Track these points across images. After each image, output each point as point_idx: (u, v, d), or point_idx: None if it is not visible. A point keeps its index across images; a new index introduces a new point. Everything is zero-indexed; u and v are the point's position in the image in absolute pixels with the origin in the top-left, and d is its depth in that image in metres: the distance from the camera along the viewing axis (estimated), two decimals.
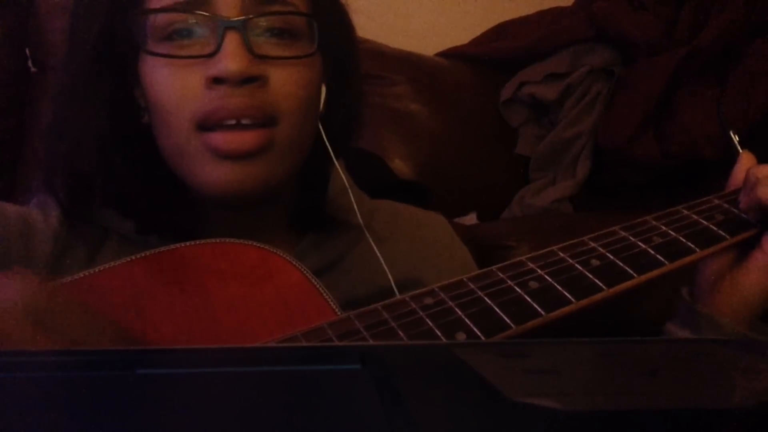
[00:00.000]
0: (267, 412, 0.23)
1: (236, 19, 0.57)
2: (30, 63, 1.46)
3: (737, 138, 0.69)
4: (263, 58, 0.57)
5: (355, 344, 0.45)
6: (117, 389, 0.24)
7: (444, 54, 1.81)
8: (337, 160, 0.67)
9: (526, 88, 1.68)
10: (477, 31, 1.85)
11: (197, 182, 0.59)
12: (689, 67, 1.53)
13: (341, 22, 0.67)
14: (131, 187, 0.62)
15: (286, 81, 0.58)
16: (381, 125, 1.56)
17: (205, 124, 0.57)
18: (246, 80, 0.56)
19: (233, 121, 0.57)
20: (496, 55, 1.76)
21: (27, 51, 1.45)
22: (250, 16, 0.57)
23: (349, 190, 0.69)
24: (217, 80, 0.56)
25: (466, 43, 1.84)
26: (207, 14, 0.57)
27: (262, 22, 0.58)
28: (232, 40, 0.56)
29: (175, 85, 0.57)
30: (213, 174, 0.58)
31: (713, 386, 0.27)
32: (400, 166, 1.49)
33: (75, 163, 0.62)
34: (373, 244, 0.66)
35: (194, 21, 0.57)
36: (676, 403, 0.24)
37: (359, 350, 0.33)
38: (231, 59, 0.55)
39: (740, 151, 0.68)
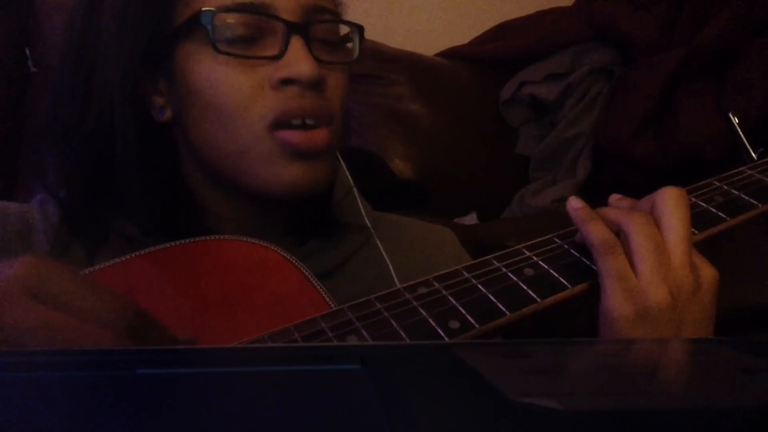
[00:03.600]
0: (267, 412, 0.23)
1: (301, 23, 0.59)
2: (30, 63, 1.46)
3: (737, 120, 0.68)
4: (321, 62, 0.59)
5: (355, 344, 0.45)
6: (117, 389, 0.24)
7: (444, 54, 1.81)
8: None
9: (526, 88, 1.68)
10: (477, 31, 1.85)
11: (263, 180, 0.60)
12: (689, 67, 1.53)
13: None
14: (141, 189, 0.61)
15: (337, 85, 0.61)
16: (381, 125, 1.56)
17: (275, 124, 0.59)
18: (314, 83, 0.58)
19: (299, 121, 0.59)
20: (496, 55, 1.76)
21: (27, 51, 1.45)
22: (311, 22, 0.59)
23: (355, 190, 0.70)
24: (286, 81, 0.58)
25: (466, 43, 1.84)
26: (275, 17, 0.58)
27: (320, 28, 0.61)
28: (297, 44, 0.58)
29: (244, 85, 0.58)
30: (283, 172, 0.59)
31: (714, 386, 0.27)
32: (400, 166, 1.49)
33: (79, 165, 0.62)
34: (380, 244, 0.67)
35: (258, 23, 0.58)
36: (676, 403, 0.24)
37: (359, 350, 0.33)
38: (304, 62, 0.57)
39: (741, 134, 0.66)
